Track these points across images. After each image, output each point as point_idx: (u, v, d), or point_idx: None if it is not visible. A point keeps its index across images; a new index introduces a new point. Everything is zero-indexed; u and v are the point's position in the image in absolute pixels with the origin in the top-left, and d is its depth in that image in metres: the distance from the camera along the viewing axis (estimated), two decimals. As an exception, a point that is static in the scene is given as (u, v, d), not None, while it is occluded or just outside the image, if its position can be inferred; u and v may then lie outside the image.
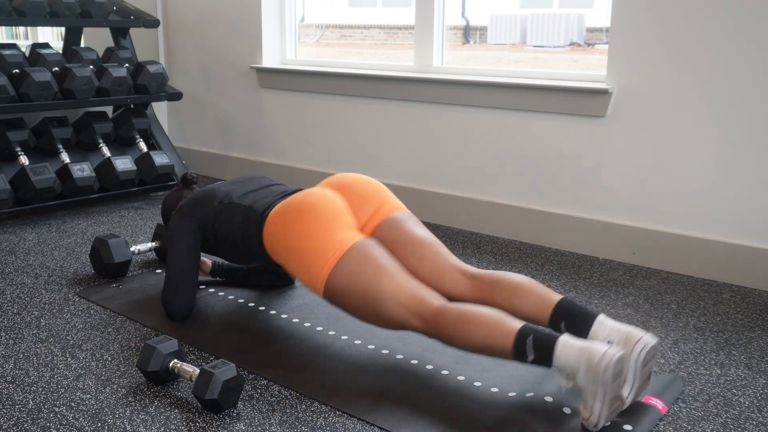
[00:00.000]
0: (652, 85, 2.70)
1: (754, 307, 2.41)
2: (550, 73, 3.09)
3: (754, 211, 2.56)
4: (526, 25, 4.96)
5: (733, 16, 2.49)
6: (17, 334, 2.14)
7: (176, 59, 4.38)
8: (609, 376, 1.53)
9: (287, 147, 3.94)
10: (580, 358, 1.56)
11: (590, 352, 1.55)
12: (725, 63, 2.53)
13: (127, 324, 2.22)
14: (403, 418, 1.69)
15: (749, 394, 1.84)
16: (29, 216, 3.40)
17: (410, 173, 3.45)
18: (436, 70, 3.39)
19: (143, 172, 3.65)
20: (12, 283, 2.57)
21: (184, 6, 4.25)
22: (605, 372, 1.52)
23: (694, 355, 2.05)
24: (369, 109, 3.55)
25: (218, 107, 4.23)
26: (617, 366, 1.54)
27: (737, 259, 2.60)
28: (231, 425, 1.67)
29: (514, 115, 3.07)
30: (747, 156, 2.55)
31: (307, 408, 1.75)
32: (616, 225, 2.86)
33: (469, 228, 3.27)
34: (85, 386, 1.84)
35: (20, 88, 3.24)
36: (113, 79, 3.51)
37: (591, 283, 2.62)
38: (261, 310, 2.33)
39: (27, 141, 3.37)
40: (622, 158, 2.82)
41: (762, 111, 2.49)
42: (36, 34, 6.11)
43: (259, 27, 3.89)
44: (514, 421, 1.66)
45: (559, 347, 1.59)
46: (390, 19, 5.94)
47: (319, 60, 3.92)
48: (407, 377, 1.87)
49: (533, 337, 1.61)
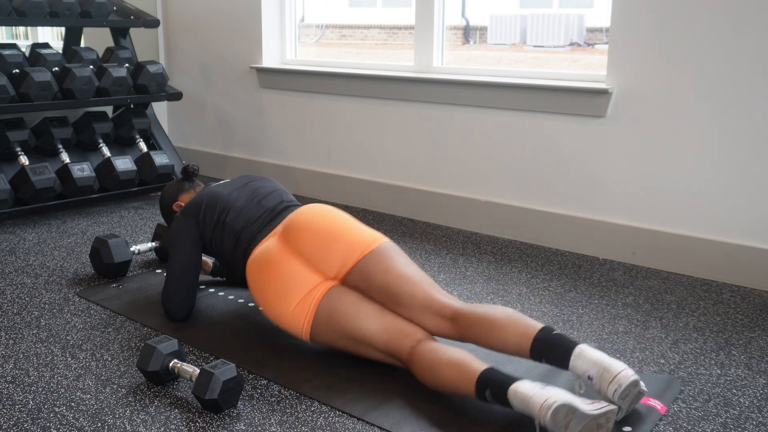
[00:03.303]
0: (652, 85, 2.70)
1: (754, 307, 2.41)
2: (550, 73, 3.09)
3: (754, 211, 2.56)
4: (526, 25, 4.96)
5: (733, 16, 2.49)
6: (17, 334, 2.14)
7: (176, 59, 4.38)
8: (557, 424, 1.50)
9: (287, 147, 3.94)
10: (526, 407, 1.55)
11: (530, 403, 1.54)
12: (725, 63, 2.53)
13: (127, 324, 2.22)
14: (403, 418, 1.69)
15: (749, 394, 1.84)
16: (29, 216, 3.40)
17: (410, 173, 3.45)
18: (436, 70, 3.39)
19: (143, 172, 3.65)
20: (12, 283, 2.57)
21: (184, 6, 4.25)
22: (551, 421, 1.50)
23: (694, 355, 2.05)
24: (369, 109, 3.55)
25: (218, 107, 4.23)
26: (559, 413, 1.50)
27: (737, 259, 2.60)
28: (231, 425, 1.67)
29: (514, 115, 3.07)
30: (747, 156, 2.55)
31: (307, 408, 1.75)
32: (616, 225, 2.86)
33: (469, 228, 3.27)
34: (85, 386, 1.84)
35: (20, 88, 3.24)
36: (113, 79, 3.51)
37: (591, 283, 2.62)
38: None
39: (27, 141, 3.37)
40: (622, 158, 2.82)
41: (762, 111, 2.49)
42: (36, 34, 6.11)
43: (259, 27, 3.89)
44: (513, 421, 1.66)
45: (510, 395, 1.58)
46: (390, 19, 5.94)
47: (319, 60, 3.92)
48: (407, 377, 1.87)
49: (490, 391, 1.62)
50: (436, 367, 1.73)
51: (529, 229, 3.08)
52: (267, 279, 1.96)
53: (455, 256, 2.90)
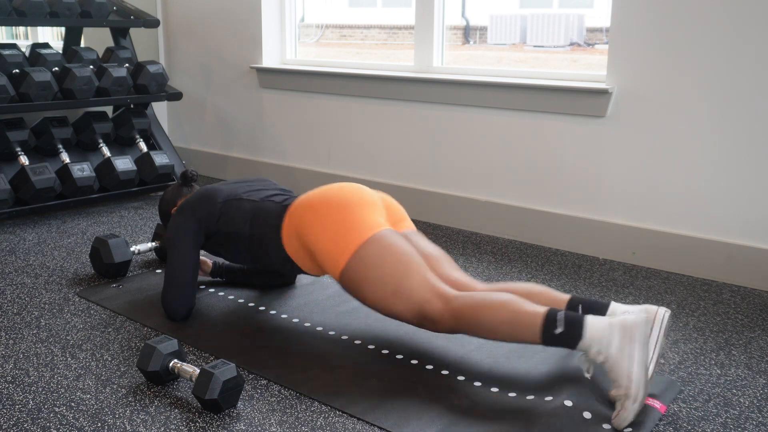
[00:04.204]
0: (652, 85, 2.70)
1: (754, 307, 2.41)
2: (550, 73, 3.09)
3: (754, 211, 2.56)
4: (526, 25, 4.95)
5: (733, 15, 2.49)
6: (17, 334, 2.14)
7: (176, 59, 4.38)
8: (643, 335, 1.61)
9: (287, 147, 3.94)
10: (611, 327, 1.64)
11: (621, 320, 1.64)
12: (725, 63, 2.53)
13: (127, 324, 2.22)
14: (403, 418, 1.69)
15: (749, 394, 1.84)
16: (29, 216, 3.40)
17: (410, 173, 3.45)
18: (436, 70, 3.39)
19: (143, 172, 3.65)
20: (12, 283, 2.57)
21: (184, 6, 4.25)
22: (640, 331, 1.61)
23: (694, 355, 2.05)
24: (369, 109, 3.55)
25: (218, 107, 4.23)
26: (647, 326, 1.63)
27: (737, 259, 2.60)
28: (231, 425, 1.67)
29: (514, 115, 3.07)
30: (747, 156, 2.55)
31: (307, 408, 1.75)
32: (616, 225, 2.86)
33: (469, 228, 3.27)
34: (85, 386, 1.84)
35: (20, 88, 3.24)
36: (113, 79, 3.51)
37: (591, 283, 2.62)
38: (261, 310, 2.33)
39: (27, 141, 3.37)
40: (622, 158, 2.82)
41: (762, 111, 2.49)
42: (36, 34, 6.10)
43: (259, 27, 3.89)
44: (513, 420, 1.66)
45: (589, 320, 1.67)
46: (390, 19, 5.93)
47: (319, 60, 3.92)
48: (407, 377, 1.87)
49: (564, 312, 1.70)
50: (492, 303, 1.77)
51: (529, 229, 3.09)
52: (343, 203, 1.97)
53: (455, 256, 2.90)
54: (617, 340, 1.62)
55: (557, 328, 1.68)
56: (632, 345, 1.61)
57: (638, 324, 1.62)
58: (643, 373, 1.60)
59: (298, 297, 2.44)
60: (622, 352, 1.61)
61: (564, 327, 1.67)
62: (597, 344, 1.64)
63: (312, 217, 1.99)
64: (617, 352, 1.62)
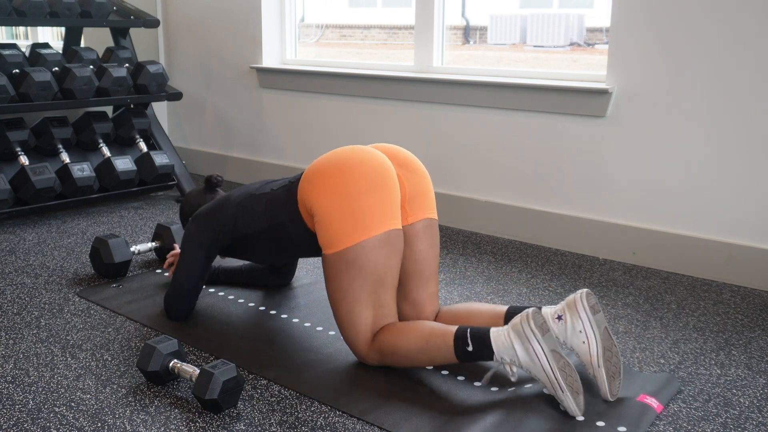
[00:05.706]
0: (652, 85, 2.70)
1: (754, 307, 2.41)
2: (550, 73, 3.09)
3: (754, 211, 2.56)
4: (526, 25, 4.95)
5: (733, 16, 2.49)
6: (17, 334, 2.14)
7: (176, 59, 4.38)
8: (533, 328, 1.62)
9: (287, 147, 3.94)
10: (508, 334, 1.66)
11: (511, 324, 1.68)
12: (725, 63, 2.53)
13: (127, 324, 2.22)
14: (403, 418, 1.69)
15: (749, 394, 1.84)
16: (29, 216, 3.40)
17: (410, 173, 3.44)
18: (436, 70, 3.39)
19: (143, 172, 3.65)
20: (12, 283, 2.57)
21: (184, 6, 4.25)
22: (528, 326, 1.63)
23: (694, 355, 2.05)
24: (369, 109, 3.55)
25: (218, 107, 4.23)
26: (535, 319, 1.64)
27: (737, 259, 2.60)
28: (231, 425, 1.67)
29: (514, 115, 3.07)
30: (747, 156, 2.55)
31: (307, 408, 1.75)
32: (616, 225, 2.86)
33: (469, 228, 3.27)
34: (85, 386, 1.84)
35: (20, 88, 3.24)
36: (113, 79, 3.51)
37: (591, 283, 2.62)
38: (261, 310, 2.33)
39: (27, 141, 3.37)
40: (622, 158, 2.82)
41: (762, 111, 2.49)
42: (36, 34, 6.10)
43: (259, 27, 3.89)
44: (513, 420, 1.66)
45: (492, 332, 1.70)
46: (390, 19, 5.93)
47: (319, 60, 3.92)
48: (407, 377, 1.87)
49: (470, 329, 1.73)
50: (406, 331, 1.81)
51: (529, 229, 3.09)
52: (352, 173, 1.87)
53: (455, 256, 2.90)
54: (518, 344, 1.65)
55: (468, 346, 1.71)
56: (531, 342, 1.63)
57: (523, 321, 1.65)
58: (556, 360, 1.63)
59: (298, 297, 2.44)
60: (528, 353, 1.64)
61: (472, 344, 1.71)
62: (506, 353, 1.67)
63: (317, 187, 1.89)
64: (524, 354, 1.65)
